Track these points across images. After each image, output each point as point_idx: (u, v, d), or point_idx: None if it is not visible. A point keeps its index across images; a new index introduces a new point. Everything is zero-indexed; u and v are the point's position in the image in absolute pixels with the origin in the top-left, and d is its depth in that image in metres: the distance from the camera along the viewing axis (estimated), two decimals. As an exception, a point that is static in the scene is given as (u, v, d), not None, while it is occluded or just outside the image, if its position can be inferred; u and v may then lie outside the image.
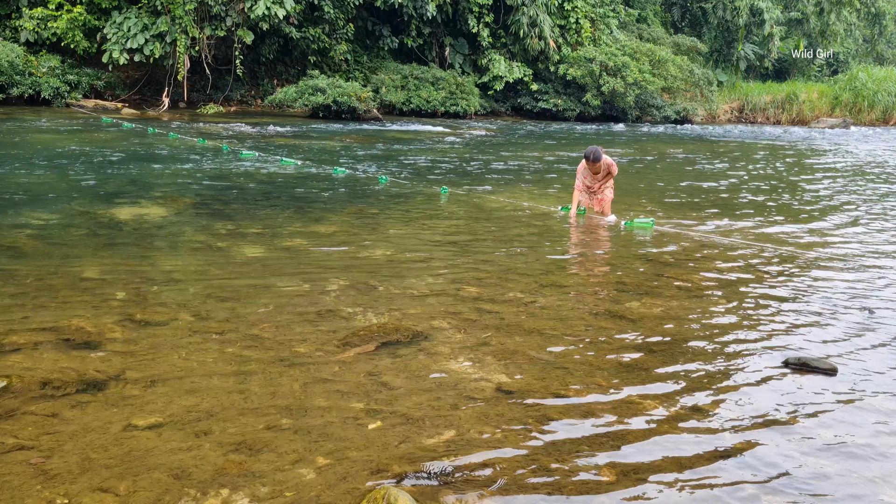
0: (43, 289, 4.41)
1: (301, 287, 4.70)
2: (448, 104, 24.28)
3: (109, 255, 5.34)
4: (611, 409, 3.14)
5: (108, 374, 3.25)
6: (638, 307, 4.60)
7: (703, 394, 3.36)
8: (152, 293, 4.44)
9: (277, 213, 7.31)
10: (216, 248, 5.76)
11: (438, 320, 4.18)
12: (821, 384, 3.54)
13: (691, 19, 38.19)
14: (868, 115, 32.46)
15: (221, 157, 11.69)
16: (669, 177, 12.56)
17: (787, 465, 2.75)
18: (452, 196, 8.94)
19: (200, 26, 20.00)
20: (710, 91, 30.82)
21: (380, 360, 3.56)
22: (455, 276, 5.15)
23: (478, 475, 2.58)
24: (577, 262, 6.22)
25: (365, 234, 6.57)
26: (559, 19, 27.35)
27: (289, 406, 3.04)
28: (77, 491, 2.38)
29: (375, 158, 12.99)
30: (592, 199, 7.92)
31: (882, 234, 7.61)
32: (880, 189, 11.72)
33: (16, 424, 2.79)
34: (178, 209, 7.31)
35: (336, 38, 23.44)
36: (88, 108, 19.33)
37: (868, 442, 2.97)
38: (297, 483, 2.48)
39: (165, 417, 2.89)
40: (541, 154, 15.35)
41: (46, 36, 19.12)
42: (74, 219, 6.60)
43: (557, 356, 3.72)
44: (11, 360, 3.35)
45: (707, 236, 7.02)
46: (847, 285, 5.38)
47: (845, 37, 40.52)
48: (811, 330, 4.33)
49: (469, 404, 3.13)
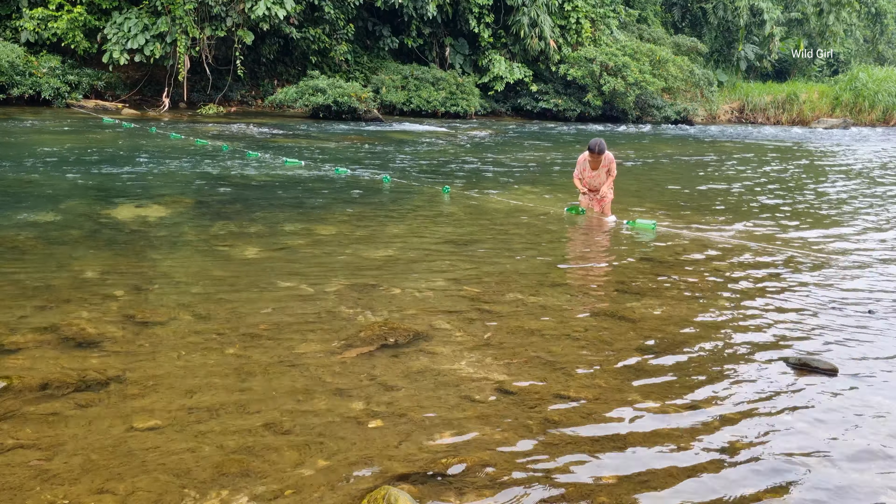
0: (43, 289, 4.41)
1: (302, 287, 4.70)
2: (448, 104, 24.27)
3: (109, 255, 5.34)
4: (611, 410, 3.14)
5: (108, 375, 3.25)
6: (638, 307, 4.60)
7: (703, 394, 3.36)
8: (152, 293, 4.44)
9: (278, 214, 7.31)
10: (216, 248, 5.76)
11: (439, 320, 4.17)
12: (821, 384, 3.54)
13: (691, 20, 38.18)
14: (868, 116, 32.42)
15: (222, 158, 11.69)
16: (669, 177, 12.56)
17: (787, 466, 2.75)
18: (453, 196, 8.94)
19: (201, 27, 20.00)
20: (711, 91, 30.80)
21: (380, 361, 3.56)
22: (456, 277, 5.15)
23: (478, 475, 2.57)
24: (578, 262, 6.22)
25: (366, 234, 6.57)
26: (559, 19, 27.34)
27: (289, 406, 3.04)
28: (77, 491, 2.38)
29: (376, 159, 12.99)
30: (592, 199, 7.92)
31: (883, 235, 7.61)
32: (881, 190, 11.72)
33: (16, 425, 2.79)
34: (179, 209, 7.31)
35: (336, 38, 23.44)
36: (89, 109, 19.33)
37: (868, 442, 2.97)
38: (298, 483, 2.48)
39: (165, 418, 2.89)
40: (541, 154, 15.34)
41: (47, 36, 19.12)
42: (74, 219, 6.60)
43: (558, 356, 3.72)
44: (12, 361, 3.35)
45: (707, 236, 7.02)
46: (848, 285, 5.37)
47: (845, 37, 40.48)
48: (811, 330, 4.33)
49: (469, 405, 3.13)
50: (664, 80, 27.22)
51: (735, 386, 3.48)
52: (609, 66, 25.82)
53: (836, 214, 8.95)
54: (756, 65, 39.21)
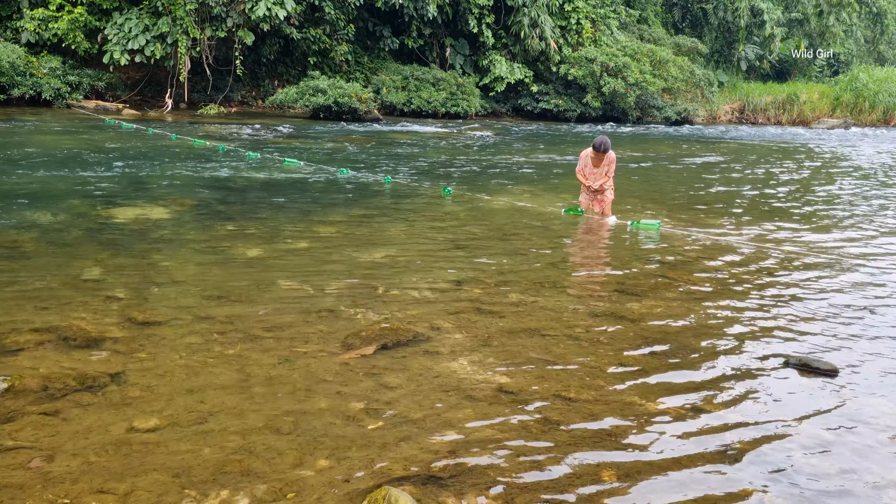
0: (43, 289, 4.41)
1: (302, 287, 4.71)
2: (449, 105, 24.27)
3: (110, 256, 5.34)
4: (611, 410, 3.14)
5: (108, 375, 3.25)
6: (638, 308, 4.60)
7: (703, 394, 3.36)
8: (153, 293, 4.45)
9: (278, 214, 7.31)
10: (217, 248, 5.76)
11: (439, 321, 4.18)
12: (821, 384, 3.54)
13: (692, 20, 38.17)
14: (869, 116, 32.42)
15: (222, 158, 11.69)
16: (669, 177, 12.56)
17: (787, 466, 2.75)
18: (454, 197, 8.94)
19: (201, 27, 20.00)
20: (711, 92, 30.79)
21: (380, 361, 3.57)
22: (456, 277, 5.15)
23: (478, 475, 2.58)
24: (578, 262, 6.22)
25: (366, 234, 6.57)
26: (560, 20, 27.34)
27: (289, 406, 3.04)
28: (78, 491, 2.38)
29: (376, 159, 12.99)
30: (592, 199, 7.91)
31: (883, 235, 7.61)
32: (881, 190, 11.72)
33: (17, 425, 2.79)
34: (179, 210, 7.31)
35: (337, 38, 23.45)
36: (89, 109, 19.34)
37: (868, 442, 2.97)
38: (298, 483, 2.48)
39: (165, 418, 2.89)
40: (541, 155, 15.34)
41: (47, 37, 19.13)
42: (75, 219, 6.61)
43: (558, 357, 3.72)
44: (12, 361, 3.35)
45: (707, 237, 7.02)
46: (848, 286, 5.37)
47: (845, 38, 40.46)
48: (812, 330, 4.33)
49: (469, 405, 3.13)
50: (664, 80, 27.22)
51: (735, 386, 3.48)
52: (609, 67, 25.82)
53: (837, 215, 8.95)
54: (756, 65, 39.21)
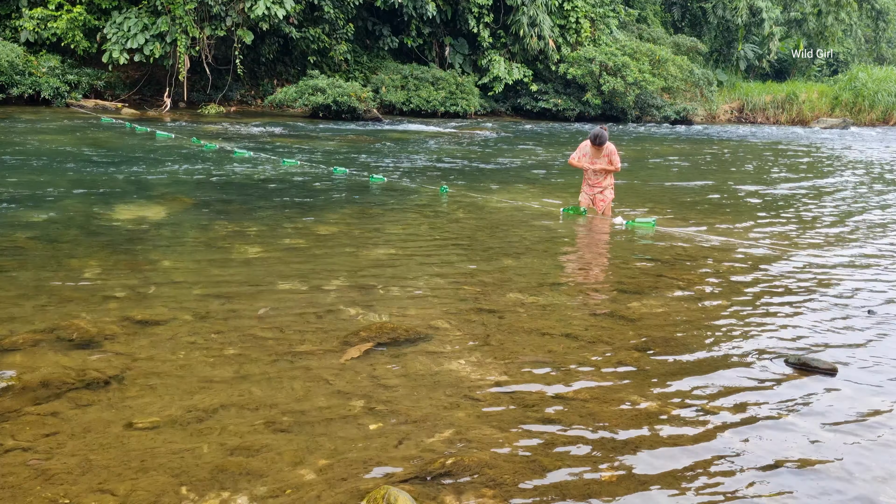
0: (43, 289, 4.41)
1: (301, 287, 4.70)
2: (448, 104, 24.27)
3: (109, 255, 5.34)
4: (611, 410, 3.14)
5: (108, 374, 3.25)
6: (638, 307, 4.60)
7: (703, 394, 3.36)
8: (152, 293, 4.44)
9: (277, 213, 7.31)
10: (216, 248, 5.76)
11: (438, 320, 4.18)
12: (821, 384, 3.54)
13: (691, 19, 38.17)
14: (868, 115, 32.43)
15: (221, 158, 11.69)
16: (669, 177, 12.56)
17: (787, 466, 2.75)
18: (452, 196, 8.94)
19: (200, 26, 19.99)
20: (710, 91, 30.81)
21: (380, 361, 3.57)
22: (455, 276, 5.15)
23: (477, 475, 2.58)
24: (577, 262, 6.22)
25: (365, 233, 6.57)
26: (559, 19, 27.34)
27: (289, 406, 3.04)
28: (77, 491, 2.38)
29: (375, 158, 12.99)
30: (593, 198, 7.92)
31: (883, 235, 7.61)
32: (881, 190, 11.72)
33: (16, 425, 2.79)
34: (178, 209, 7.31)
35: (336, 38, 23.43)
36: (88, 108, 19.33)
37: (868, 442, 2.97)
38: (297, 483, 2.48)
39: (165, 417, 2.89)
40: (540, 154, 15.35)
41: (46, 36, 19.12)
42: (74, 219, 6.60)
43: (557, 356, 3.72)
44: (12, 361, 3.35)
45: (707, 236, 7.02)
46: (848, 285, 5.38)
47: (844, 37, 40.45)
48: (811, 330, 4.33)
49: (469, 404, 3.13)
50: (664, 79, 27.23)
51: (735, 385, 3.48)
52: (608, 66, 25.83)
53: (836, 214, 8.95)
54: (755, 64, 39.23)
